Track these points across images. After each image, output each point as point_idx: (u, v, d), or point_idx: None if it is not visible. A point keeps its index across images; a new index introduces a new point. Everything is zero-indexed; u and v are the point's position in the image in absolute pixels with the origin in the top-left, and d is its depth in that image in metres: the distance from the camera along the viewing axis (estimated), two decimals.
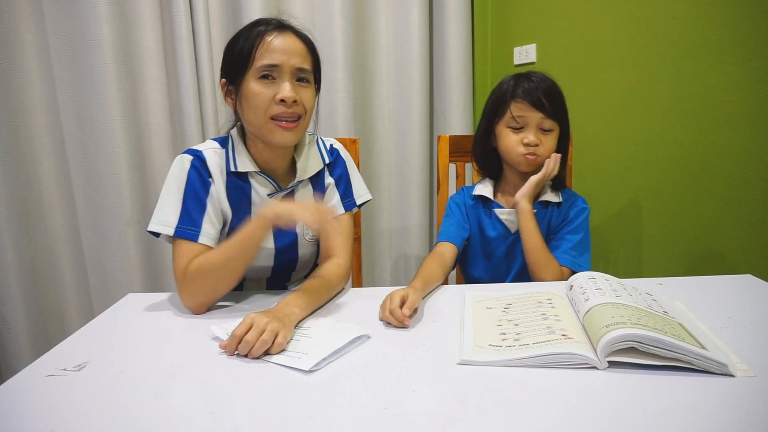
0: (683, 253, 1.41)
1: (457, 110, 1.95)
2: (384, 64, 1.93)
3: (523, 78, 1.08)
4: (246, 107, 0.90)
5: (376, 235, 2.01)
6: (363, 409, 0.55)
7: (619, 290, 0.75)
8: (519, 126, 1.07)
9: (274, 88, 0.88)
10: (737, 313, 0.78)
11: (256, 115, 0.89)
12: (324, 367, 0.65)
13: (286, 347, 0.70)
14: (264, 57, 0.88)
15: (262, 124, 0.89)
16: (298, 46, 0.91)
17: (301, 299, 0.82)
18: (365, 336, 0.73)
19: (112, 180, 1.67)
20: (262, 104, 0.88)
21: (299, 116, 0.91)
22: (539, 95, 1.04)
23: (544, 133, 1.07)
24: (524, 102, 1.05)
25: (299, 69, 0.90)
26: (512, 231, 1.13)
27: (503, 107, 1.09)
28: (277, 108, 0.88)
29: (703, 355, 0.59)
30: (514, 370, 0.63)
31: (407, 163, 1.98)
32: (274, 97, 0.88)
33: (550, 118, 1.06)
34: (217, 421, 0.53)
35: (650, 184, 1.47)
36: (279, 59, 0.88)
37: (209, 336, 0.75)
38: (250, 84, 0.88)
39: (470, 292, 0.92)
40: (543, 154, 1.07)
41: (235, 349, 0.69)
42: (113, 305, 0.91)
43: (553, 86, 1.07)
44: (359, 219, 1.36)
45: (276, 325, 0.70)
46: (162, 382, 0.62)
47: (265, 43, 0.88)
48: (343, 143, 1.28)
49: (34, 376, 0.64)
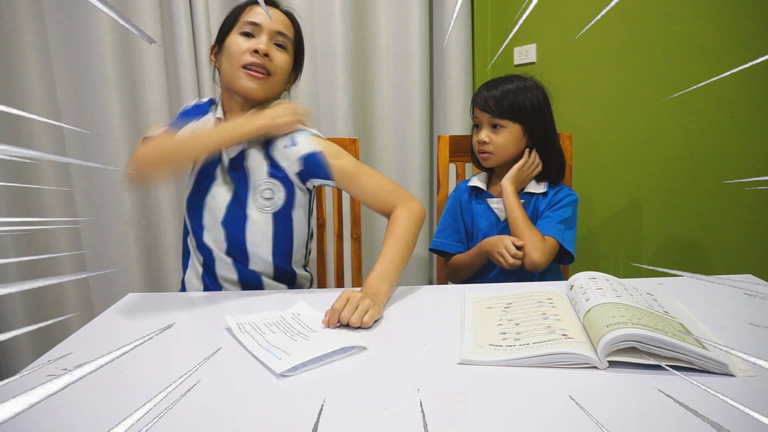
0: (683, 253, 1.41)
1: (457, 110, 1.95)
2: (384, 64, 1.93)
3: (488, 84, 1.18)
4: (224, 59, 0.99)
5: (376, 235, 2.01)
6: (363, 409, 0.55)
7: (619, 290, 0.75)
8: (478, 127, 1.19)
9: (252, 42, 0.97)
10: (737, 313, 0.78)
11: (231, 64, 0.97)
12: (300, 373, 0.63)
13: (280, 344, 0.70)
14: (248, 16, 0.98)
15: (234, 71, 0.97)
16: (281, 16, 1.01)
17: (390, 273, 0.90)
18: (359, 347, 0.69)
19: (112, 180, 1.67)
20: (237, 53, 0.96)
21: (268, 72, 0.98)
22: (487, 98, 1.15)
23: (494, 131, 1.16)
24: (478, 106, 1.18)
25: (278, 32, 0.99)
26: (501, 219, 1.20)
27: (471, 111, 1.22)
28: (249, 58, 0.96)
29: (704, 355, 0.59)
30: (514, 369, 0.62)
31: (407, 163, 1.98)
32: (248, 48, 0.96)
33: (498, 117, 1.15)
34: (216, 421, 0.53)
35: (650, 184, 1.47)
36: (261, 19, 0.98)
37: (221, 325, 0.76)
38: (233, 37, 0.98)
39: (470, 291, 0.92)
40: (493, 151, 1.17)
41: (337, 321, 0.76)
42: (113, 305, 0.91)
43: (513, 89, 1.15)
44: (359, 219, 1.36)
45: (367, 303, 0.78)
46: (162, 382, 0.62)
47: (252, 7, 1.00)
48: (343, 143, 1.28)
49: (34, 376, 0.64)
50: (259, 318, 0.80)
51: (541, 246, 1.09)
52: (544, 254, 1.08)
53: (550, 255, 1.10)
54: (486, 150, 1.17)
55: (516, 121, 1.15)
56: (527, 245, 1.08)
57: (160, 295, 0.95)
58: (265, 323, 0.78)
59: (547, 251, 1.09)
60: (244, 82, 0.96)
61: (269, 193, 0.99)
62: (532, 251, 1.08)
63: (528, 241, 1.09)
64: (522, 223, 1.11)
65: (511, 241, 1.09)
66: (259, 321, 0.78)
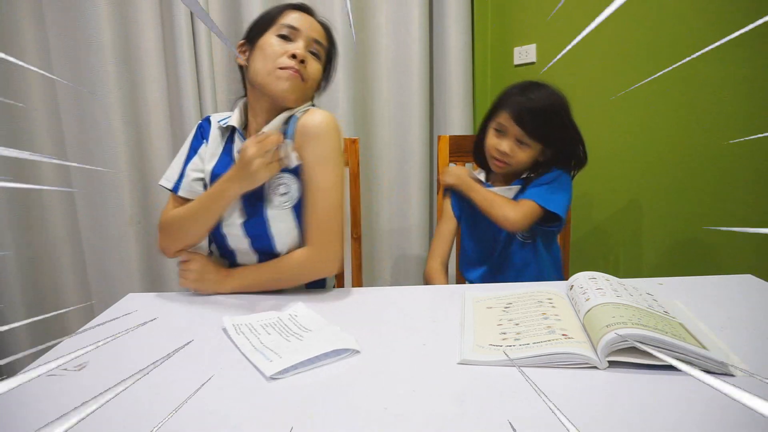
0: (683, 253, 1.41)
1: (457, 110, 1.95)
2: (384, 64, 1.93)
3: (522, 90, 1.14)
4: (258, 57, 0.96)
5: (376, 235, 2.01)
6: (363, 409, 0.55)
7: (619, 290, 0.75)
8: (502, 132, 1.15)
9: (290, 46, 0.95)
10: (737, 313, 0.78)
11: (265, 63, 0.94)
12: (291, 375, 0.63)
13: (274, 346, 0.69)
14: (287, 19, 0.97)
15: (269, 72, 0.94)
16: (318, 25, 1.01)
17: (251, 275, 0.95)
18: (352, 350, 0.68)
19: (112, 180, 1.67)
20: (273, 54, 0.94)
21: (302, 77, 0.95)
22: (525, 113, 1.10)
23: (520, 146, 1.14)
24: (510, 114, 1.12)
25: (315, 41, 0.98)
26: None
27: (496, 111, 1.17)
28: (286, 61, 0.94)
29: (704, 355, 0.59)
30: (514, 369, 0.62)
31: (407, 163, 1.98)
32: (285, 51, 0.94)
33: (529, 136, 1.12)
34: (216, 421, 0.53)
35: (650, 184, 1.47)
36: (300, 24, 0.97)
37: (219, 326, 0.76)
38: (269, 37, 0.96)
39: (470, 291, 0.92)
40: (513, 165, 1.15)
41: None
42: (113, 305, 0.91)
43: (548, 107, 1.11)
44: (359, 219, 1.36)
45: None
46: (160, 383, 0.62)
47: (290, 11, 0.99)
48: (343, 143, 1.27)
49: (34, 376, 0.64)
50: (256, 318, 0.80)
51: (513, 205, 1.11)
52: (519, 212, 1.10)
53: (526, 214, 1.10)
54: (505, 161, 1.15)
55: (541, 142, 1.14)
56: (496, 208, 1.11)
57: (160, 295, 0.95)
58: (261, 324, 0.77)
59: (522, 210, 1.10)
60: (280, 82, 0.93)
61: (284, 188, 0.96)
62: (504, 209, 1.10)
63: (498, 202, 1.12)
64: (488, 194, 1.15)
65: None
66: (256, 321, 0.78)
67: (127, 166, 1.69)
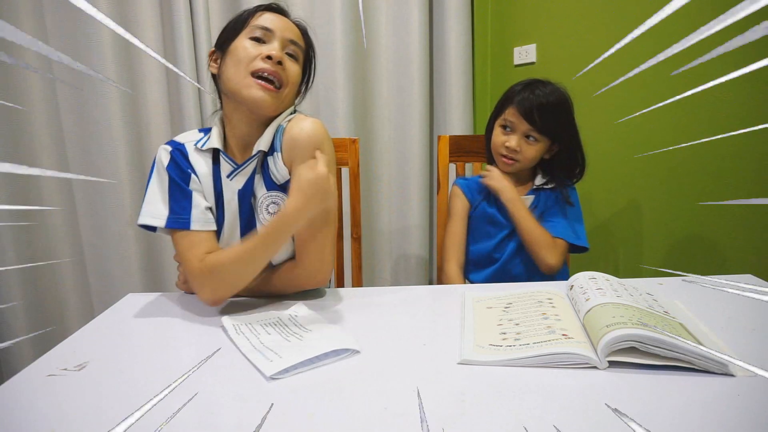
0: (683, 253, 1.41)
1: (457, 110, 1.95)
2: (384, 64, 1.93)
3: (529, 86, 1.13)
4: (230, 64, 0.88)
5: (376, 235, 2.01)
6: (363, 409, 0.55)
7: (619, 290, 0.75)
8: (509, 129, 1.15)
9: (264, 48, 0.88)
10: (737, 313, 0.78)
11: (237, 70, 0.87)
12: (291, 375, 0.63)
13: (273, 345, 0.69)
14: (260, 21, 0.90)
15: (242, 79, 0.86)
16: (293, 26, 0.94)
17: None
18: (352, 351, 0.68)
19: (112, 180, 1.67)
20: (246, 58, 0.87)
21: (280, 83, 0.89)
22: (533, 108, 1.10)
23: (528, 142, 1.14)
24: (517, 110, 1.12)
25: (291, 41, 0.91)
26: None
27: (502, 108, 1.17)
28: (261, 64, 0.86)
29: (703, 355, 0.59)
30: (514, 369, 0.62)
31: (407, 163, 1.98)
32: (259, 54, 0.87)
33: (537, 131, 1.12)
34: (216, 421, 0.53)
35: (650, 184, 1.47)
36: (274, 25, 0.90)
37: (219, 326, 0.76)
38: (241, 41, 0.89)
39: (470, 291, 0.92)
40: (522, 161, 1.15)
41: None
42: (113, 305, 0.91)
43: (555, 102, 1.11)
44: (359, 219, 1.36)
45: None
46: (162, 382, 0.62)
47: (262, 13, 0.91)
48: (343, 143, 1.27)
49: (34, 376, 0.64)
50: (255, 318, 0.79)
51: (553, 249, 1.11)
52: (558, 256, 1.12)
53: (563, 255, 1.13)
54: (514, 157, 1.15)
55: (549, 137, 1.14)
56: (541, 250, 1.11)
57: (160, 295, 0.95)
58: (261, 323, 0.77)
59: (560, 252, 1.12)
60: (252, 90, 0.86)
61: (274, 207, 0.91)
62: (547, 255, 1.11)
63: (541, 242, 1.11)
64: (530, 223, 1.12)
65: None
66: (255, 321, 0.78)
67: (127, 166, 1.69)
